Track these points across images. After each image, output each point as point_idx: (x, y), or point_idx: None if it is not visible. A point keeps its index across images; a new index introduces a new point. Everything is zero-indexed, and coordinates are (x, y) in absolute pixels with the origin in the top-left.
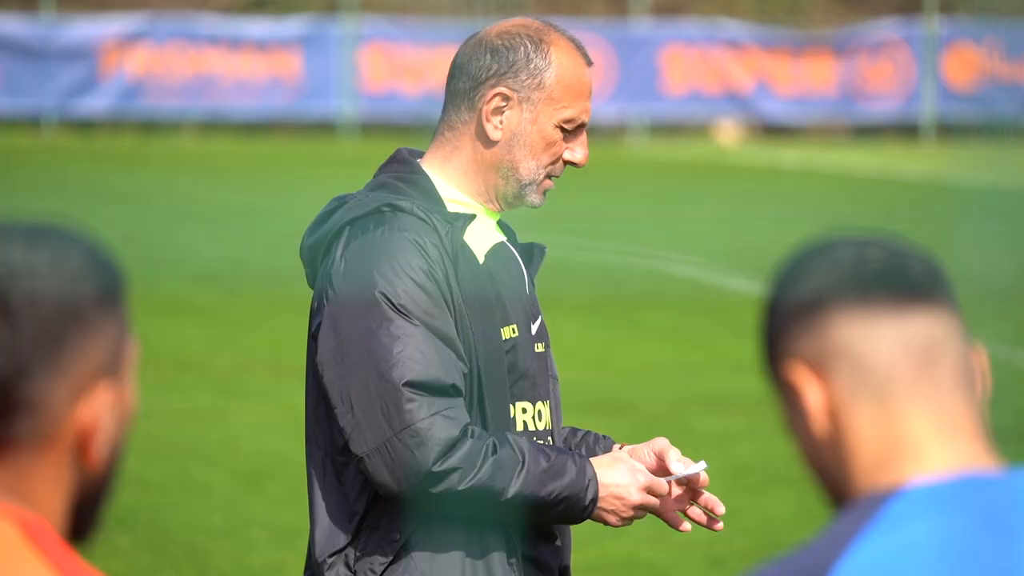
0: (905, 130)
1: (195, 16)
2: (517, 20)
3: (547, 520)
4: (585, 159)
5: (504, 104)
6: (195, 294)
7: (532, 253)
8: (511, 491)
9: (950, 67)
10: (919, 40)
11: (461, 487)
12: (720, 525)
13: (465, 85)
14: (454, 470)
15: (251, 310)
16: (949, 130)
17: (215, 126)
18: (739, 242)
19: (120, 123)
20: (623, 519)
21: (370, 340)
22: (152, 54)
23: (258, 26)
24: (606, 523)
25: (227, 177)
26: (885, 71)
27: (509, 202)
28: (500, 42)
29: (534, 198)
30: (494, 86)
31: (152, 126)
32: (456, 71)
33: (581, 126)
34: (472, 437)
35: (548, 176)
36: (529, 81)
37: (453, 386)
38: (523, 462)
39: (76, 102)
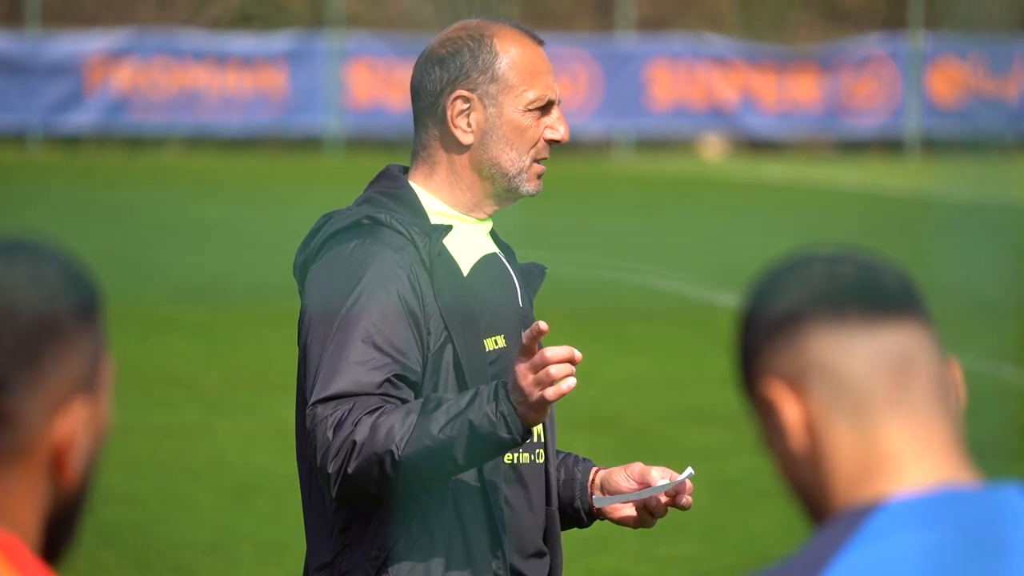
0: (890, 146)
1: (180, 32)
2: (457, 25)
3: (478, 457)
4: (567, 134)
5: (466, 107)
6: (181, 310)
7: (532, 273)
8: (401, 441)
9: (935, 83)
10: (904, 56)
11: (351, 469)
12: (688, 499)
13: (425, 102)
14: (335, 459)
15: (237, 326)
16: (934, 146)
17: (201, 142)
18: (725, 257)
19: (105, 139)
20: (537, 403)
21: (311, 354)
22: (137, 70)
23: (244, 42)
24: (533, 419)
25: (213, 193)
26: (870, 87)
27: (502, 199)
28: (444, 51)
29: (527, 186)
30: (451, 93)
31: (137, 142)
32: (415, 92)
33: (550, 104)
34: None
35: (535, 160)
36: (482, 78)
37: (363, 395)
38: (408, 411)
39: (61, 118)
